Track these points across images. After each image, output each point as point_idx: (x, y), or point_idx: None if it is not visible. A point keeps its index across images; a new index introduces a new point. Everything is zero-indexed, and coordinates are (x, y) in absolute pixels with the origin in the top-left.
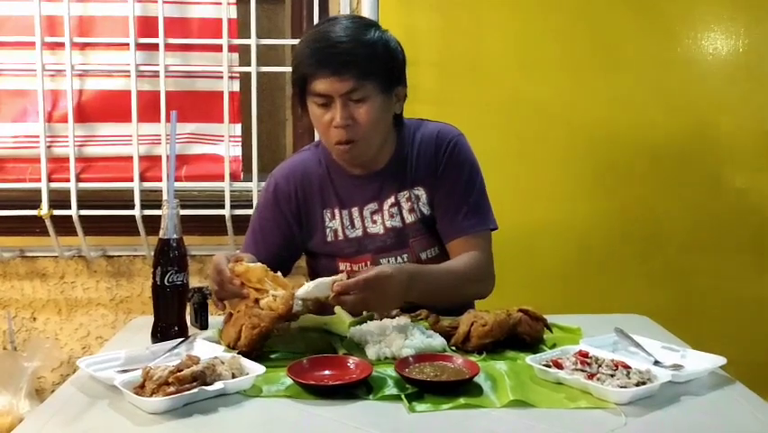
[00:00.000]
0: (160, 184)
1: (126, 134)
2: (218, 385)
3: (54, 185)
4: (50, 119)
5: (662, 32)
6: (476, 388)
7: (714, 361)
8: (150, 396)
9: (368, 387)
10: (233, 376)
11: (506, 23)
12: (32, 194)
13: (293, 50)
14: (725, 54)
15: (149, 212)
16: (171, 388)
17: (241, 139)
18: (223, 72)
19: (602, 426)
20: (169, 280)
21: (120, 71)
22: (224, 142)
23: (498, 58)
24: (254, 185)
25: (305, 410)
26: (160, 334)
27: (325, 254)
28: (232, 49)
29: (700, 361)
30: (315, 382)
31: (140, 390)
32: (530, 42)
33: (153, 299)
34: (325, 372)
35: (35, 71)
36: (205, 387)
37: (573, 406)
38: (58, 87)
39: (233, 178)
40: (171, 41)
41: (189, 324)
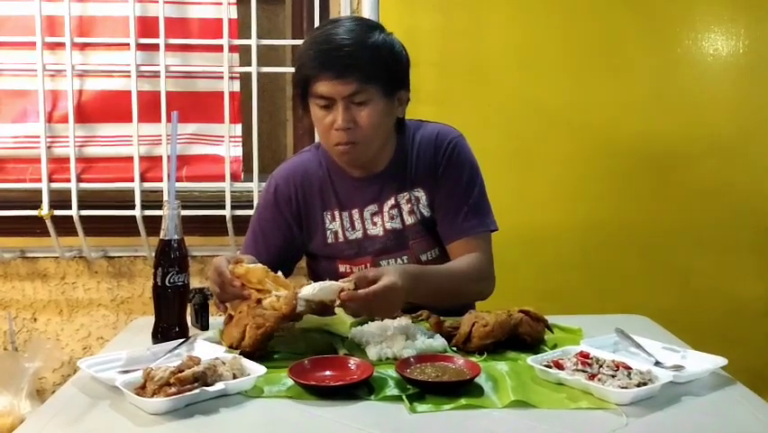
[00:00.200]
0: (161, 184)
1: (127, 135)
2: (219, 386)
3: (55, 185)
4: (50, 119)
5: (662, 32)
6: (477, 388)
7: (715, 361)
8: (152, 397)
9: (369, 388)
10: (234, 377)
11: (507, 23)
12: (32, 194)
13: (293, 50)
14: (725, 55)
15: (149, 212)
16: (172, 389)
17: (241, 139)
18: (223, 72)
19: (603, 426)
20: (170, 280)
21: (120, 71)
22: (224, 142)
23: (499, 58)
24: (255, 185)
25: (306, 411)
26: (160, 334)
27: (325, 256)
28: (232, 49)
29: (701, 362)
30: (317, 383)
31: (141, 390)
32: (531, 43)
33: (154, 300)
34: (326, 372)
35: (36, 71)
36: (206, 388)
37: (574, 406)
38: (58, 88)
39: (233, 178)
40: (172, 41)
41: (190, 325)
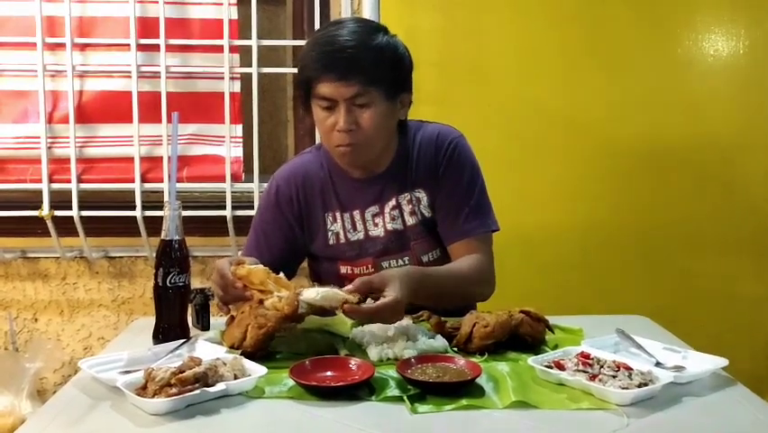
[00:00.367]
0: (161, 185)
1: (127, 135)
2: (220, 386)
3: (55, 186)
4: (51, 120)
5: (662, 33)
6: (478, 389)
7: (715, 362)
8: (153, 397)
9: (370, 388)
10: (234, 377)
11: (507, 24)
12: (33, 195)
13: (294, 51)
14: (725, 56)
15: (150, 213)
16: (173, 389)
17: (242, 140)
18: (224, 73)
19: (604, 427)
20: (171, 281)
21: (121, 72)
22: (225, 143)
23: (499, 59)
24: (255, 186)
25: (307, 411)
26: (161, 335)
27: (327, 257)
28: (233, 50)
29: (702, 362)
30: (318, 384)
31: (142, 391)
32: (531, 43)
33: (155, 301)
34: (327, 373)
35: (36, 72)
36: (207, 388)
37: (575, 407)
38: (58, 88)
39: (234, 179)
40: (172, 41)
41: (191, 325)
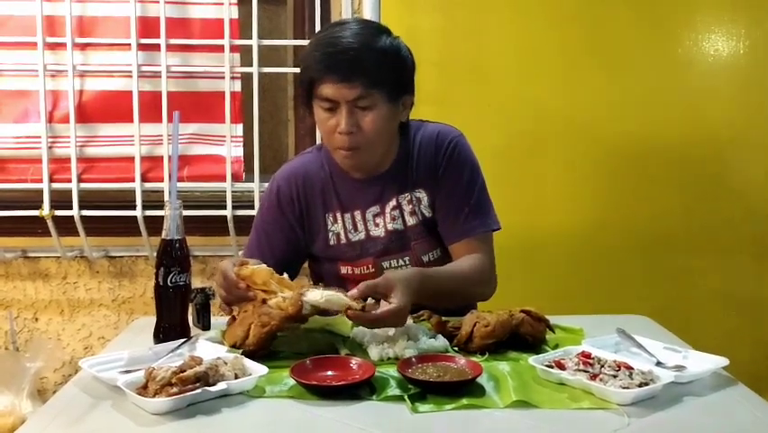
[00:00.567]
0: (162, 184)
1: (128, 135)
2: (221, 386)
3: (56, 185)
4: (51, 119)
5: (663, 33)
6: (479, 388)
7: (716, 362)
8: (153, 397)
9: (371, 388)
10: (235, 377)
11: (507, 23)
12: (33, 194)
13: (295, 50)
14: (725, 55)
15: (150, 212)
16: (174, 389)
17: (242, 139)
18: (224, 73)
19: (605, 427)
20: (172, 280)
21: (121, 72)
22: (225, 142)
23: (500, 58)
24: (256, 185)
25: (307, 411)
26: (162, 334)
27: (327, 258)
28: (233, 49)
29: (703, 362)
30: (318, 383)
31: (143, 390)
32: (532, 43)
33: (156, 300)
34: (328, 372)
35: (37, 71)
36: (207, 388)
37: (576, 407)
38: (59, 88)
39: (234, 178)
40: (173, 41)
41: (192, 325)
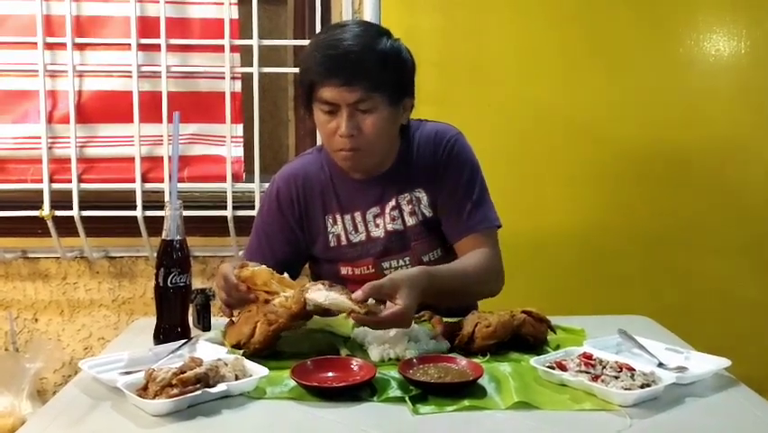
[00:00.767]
0: (162, 185)
1: (128, 135)
2: (221, 387)
3: (56, 186)
4: (51, 120)
5: (664, 33)
6: (480, 390)
7: (718, 363)
8: (154, 398)
9: (371, 389)
10: (236, 378)
11: (507, 24)
12: (33, 195)
13: (295, 50)
14: (727, 56)
15: (150, 213)
16: (174, 390)
17: (243, 140)
18: (224, 73)
19: (607, 428)
20: (172, 281)
21: (121, 72)
22: (225, 143)
23: (500, 59)
24: (256, 186)
25: (308, 412)
26: (162, 335)
27: (328, 259)
28: (233, 49)
29: (705, 363)
30: (319, 384)
31: (143, 392)
32: (532, 43)
33: (156, 301)
34: (329, 373)
35: (37, 71)
36: (208, 389)
37: (578, 408)
38: (59, 88)
39: (235, 179)
40: (173, 41)
41: (192, 325)
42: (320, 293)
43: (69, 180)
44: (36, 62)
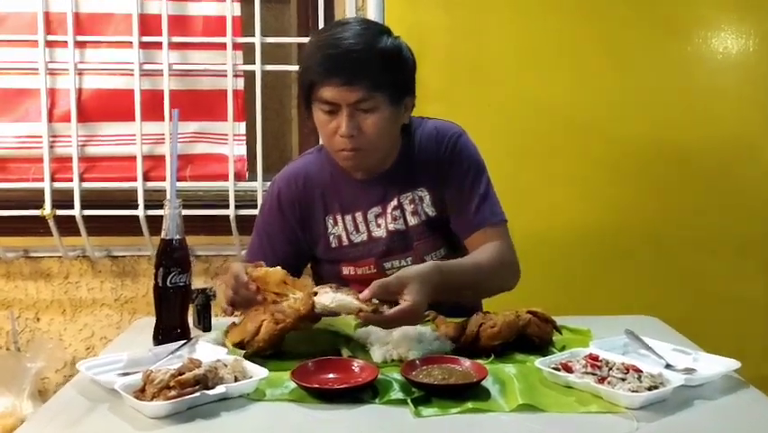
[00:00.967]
0: (164, 184)
1: (130, 134)
2: (220, 389)
3: (57, 185)
4: (52, 118)
5: (669, 30)
6: (484, 392)
7: (727, 364)
8: (151, 400)
9: (373, 391)
10: (235, 379)
11: (512, 21)
12: (35, 194)
13: (299, 48)
14: (735, 53)
15: (152, 212)
16: (172, 392)
17: (245, 138)
18: (227, 71)
19: (613, 431)
20: (172, 281)
21: (123, 70)
22: (228, 141)
23: (504, 56)
24: (259, 185)
25: (309, 414)
26: (162, 336)
27: (329, 260)
28: (236, 47)
29: (713, 364)
30: (320, 386)
31: (140, 394)
32: (538, 41)
33: (155, 301)
34: (330, 375)
35: (38, 70)
36: (206, 391)
37: (584, 410)
38: (60, 86)
39: (237, 177)
40: (175, 39)
41: (192, 326)
42: (327, 296)
43: (71, 179)
44: (37, 60)
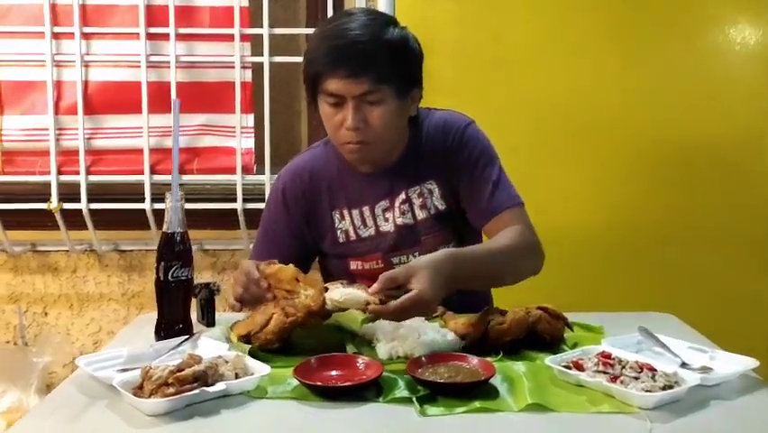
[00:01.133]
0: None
1: (136, 126)
2: (220, 386)
3: (64, 178)
4: (58, 111)
5: (691, 24)
6: (492, 390)
7: (745, 363)
8: (149, 397)
9: (378, 388)
10: (236, 376)
11: (523, 12)
12: (41, 187)
13: (308, 39)
14: (752, 45)
15: (159, 206)
16: (171, 389)
17: (253, 131)
18: (234, 62)
19: (626, 432)
20: (173, 275)
21: (130, 62)
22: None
23: (516, 48)
24: (267, 178)
25: (311, 413)
26: (163, 331)
27: (336, 255)
28: (244, 38)
29: (731, 363)
30: (323, 384)
31: (138, 390)
32: (551, 33)
33: (157, 295)
34: (334, 372)
35: (44, 61)
36: (206, 388)
37: (595, 410)
38: (67, 78)
39: (245, 171)
40: (182, 30)
41: (196, 321)
42: (336, 291)
43: (77, 172)
44: (44, 52)
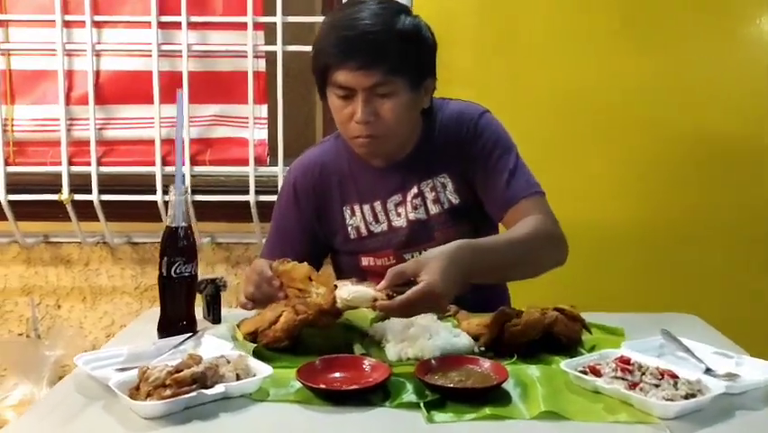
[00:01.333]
0: (184, 168)
1: (148, 117)
2: (219, 389)
3: (75, 169)
4: (69, 101)
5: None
6: (504, 396)
7: None
8: (146, 399)
9: (384, 392)
10: (237, 378)
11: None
12: (53, 178)
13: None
14: None
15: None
16: (168, 391)
17: (267, 122)
18: (247, 51)
19: None
20: (177, 271)
21: (141, 51)
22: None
23: (536, 37)
24: (280, 170)
25: (314, 417)
26: (166, 328)
27: (348, 252)
28: (257, 27)
29: (758, 370)
30: (327, 387)
31: (135, 392)
32: (574, 22)
33: (160, 292)
34: (339, 374)
35: (55, 51)
36: (204, 390)
37: (612, 420)
38: (77, 68)
39: (258, 162)
40: (194, 18)
41: (201, 318)
42: (345, 289)
43: (89, 163)
44: (54, 41)
